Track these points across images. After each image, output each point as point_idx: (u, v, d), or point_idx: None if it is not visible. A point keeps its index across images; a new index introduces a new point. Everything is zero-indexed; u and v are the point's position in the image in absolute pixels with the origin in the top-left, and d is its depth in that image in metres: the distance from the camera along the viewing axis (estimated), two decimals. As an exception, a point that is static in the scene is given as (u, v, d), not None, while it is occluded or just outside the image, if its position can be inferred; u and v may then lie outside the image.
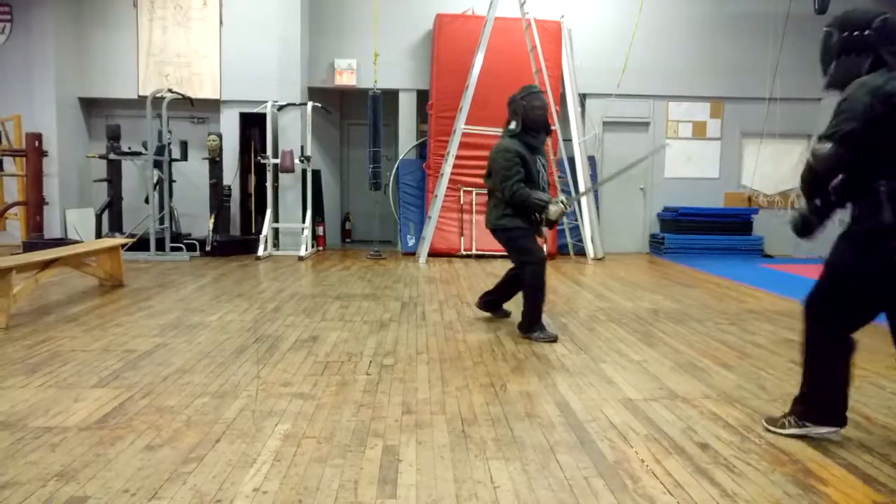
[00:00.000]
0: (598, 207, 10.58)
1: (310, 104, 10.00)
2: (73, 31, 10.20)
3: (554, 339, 4.79)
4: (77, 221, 9.96)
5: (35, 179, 9.55)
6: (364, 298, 6.41)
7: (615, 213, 11.22)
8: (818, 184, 2.88)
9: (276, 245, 10.16)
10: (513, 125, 4.95)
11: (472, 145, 10.00)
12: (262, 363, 4.08)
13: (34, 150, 9.54)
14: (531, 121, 4.89)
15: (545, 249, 5.75)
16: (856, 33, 2.82)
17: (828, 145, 2.73)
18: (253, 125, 10.26)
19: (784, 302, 6.61)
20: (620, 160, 11.25)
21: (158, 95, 9.40)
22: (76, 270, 6.51)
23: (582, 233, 10.09)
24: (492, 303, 5.52)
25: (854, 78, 2.77)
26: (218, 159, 9.94)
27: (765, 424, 3.11)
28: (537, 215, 4.88)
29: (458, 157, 9.74)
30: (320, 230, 10.87)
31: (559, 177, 10.19)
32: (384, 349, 4.49)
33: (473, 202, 10.15)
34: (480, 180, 10.02)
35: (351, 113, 12.16)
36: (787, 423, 3.02)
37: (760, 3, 10.79)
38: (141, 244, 8.92)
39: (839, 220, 2.91)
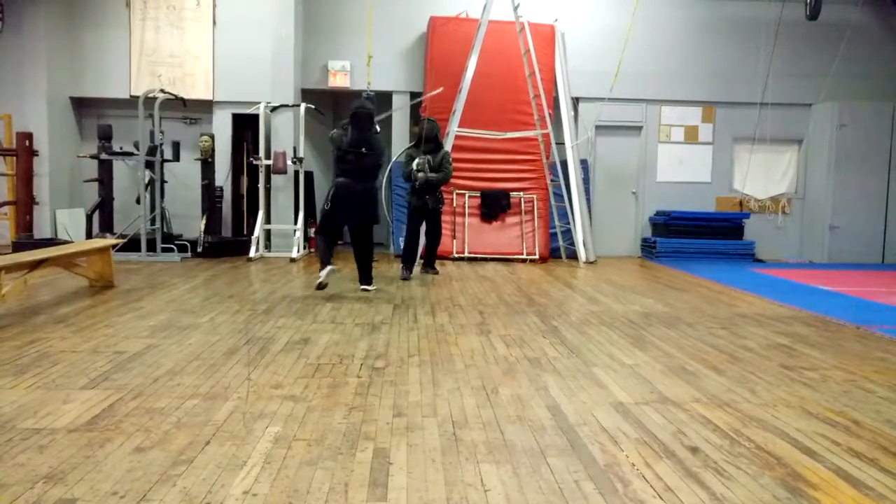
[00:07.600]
0: (590, 211, 10.60)
1: (303, 105, 9.99)
2: (65, 31, 10.16)
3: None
4: (67, 221, 9.90)
5: (25, 179, 9.49)
6: (355, 301, 6.40)
7: (607, 216, 11.26)
8: None
9: (267, 247, 10.13)
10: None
11: (466, 148, 10.02)
12: (253, 365, 4.06)
13: (25, 150, 9.48)
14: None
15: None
16: None
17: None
18: (246, 126, 10.23)
19: (775, 306, 6.65)
20: (613, 164, 11.36)
21: (150, 95, 9.37)
22: (66, 271, 6.48)
23: (574, 236, 10.10)
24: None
25: None
26: (210, 160, 9.91)
27: None
28: None
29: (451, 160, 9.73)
30: (312, 232, 10.84)
31: (552, 180, 10.21)
32: (375, 352, 4.48)
33: (466, 205, 10.17)
34: (474, 183, 10.26)
35: (344, 115, 12.13)
36: None
37: (753, 8, 10.87)
38: (132, 245, 8.88)
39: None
